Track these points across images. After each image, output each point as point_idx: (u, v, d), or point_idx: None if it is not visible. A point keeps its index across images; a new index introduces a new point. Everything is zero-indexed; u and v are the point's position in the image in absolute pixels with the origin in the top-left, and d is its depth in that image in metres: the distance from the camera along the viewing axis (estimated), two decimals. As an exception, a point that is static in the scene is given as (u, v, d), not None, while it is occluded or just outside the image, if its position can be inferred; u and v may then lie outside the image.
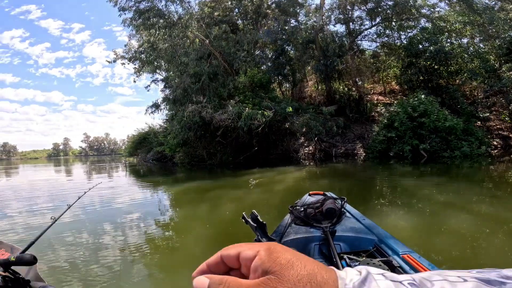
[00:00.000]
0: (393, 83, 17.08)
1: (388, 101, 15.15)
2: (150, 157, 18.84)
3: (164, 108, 15.47)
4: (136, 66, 16.60)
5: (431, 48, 12.97)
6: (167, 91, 14.26)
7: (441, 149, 10.13)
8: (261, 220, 1.16)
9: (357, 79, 15.91)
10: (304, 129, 11.93)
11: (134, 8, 11.13)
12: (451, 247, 2.42)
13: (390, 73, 16.74)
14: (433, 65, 13.54)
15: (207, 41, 11.80)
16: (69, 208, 1.54)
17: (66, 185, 9.05)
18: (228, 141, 12.12)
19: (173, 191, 6.44)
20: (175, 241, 3.11)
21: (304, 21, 15.09)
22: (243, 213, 1.20)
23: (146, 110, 15.69)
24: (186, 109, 10.69)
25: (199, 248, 2.78)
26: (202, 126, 11.16)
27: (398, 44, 15.34)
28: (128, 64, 16.54)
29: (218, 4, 13.13)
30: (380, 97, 16.46)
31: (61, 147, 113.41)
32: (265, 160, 12.34)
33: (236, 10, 14.47)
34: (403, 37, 15.41)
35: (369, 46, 16.56)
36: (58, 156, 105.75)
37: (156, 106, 15.55)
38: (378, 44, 16.11)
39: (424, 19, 14.43)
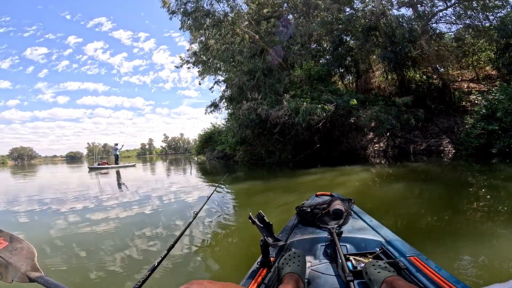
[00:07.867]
0: (487, 67, 14.06)
1: (484, 88, 12.45)
2: (215, 156, 19.86)
3: (223, 107, 16.00)
4: (200, 69, 17.64)
5: (531, 26, 10.29)
6: (228, 91, 14.69)
7: None
8: (267, 221, 1.17)
9: (437, 66, 13.58)
10: (372, 124, 10.65)
11: (182, 10, 11.71)
12: None
13: (482, 57, 13.84)
14: (537, 44, 10.68)
15: (257, 36, 11.65)
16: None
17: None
18: (287, 139, 11.71)
19: (232, 190, 6.45)
20: (230, 240, 3.13)
21: (361, 8, 13.55)
22: (250, 213, 1.17)
23: (206, 110, 16.48)
24: (241, 106, 10.74)
25: (248, 249, 2.69)
26: (259, 123, 11.02)
27: (487, 25, 12.51)
28: (193, 68, 17.70)
29: (266, 0, 12.87)
30: (472, 84, 13.68)
31: (147, 146, 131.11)
32: (328, 158, 11.50)
33: (285, 4, 13.91)
34: (491, 17, 12.48)
35: (449, 28, 13.91)
36: (145, 154, 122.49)
37: (214, 105, 16.20)
38: (460, 26, 13.39)
39: (514, -4, 11.48)
